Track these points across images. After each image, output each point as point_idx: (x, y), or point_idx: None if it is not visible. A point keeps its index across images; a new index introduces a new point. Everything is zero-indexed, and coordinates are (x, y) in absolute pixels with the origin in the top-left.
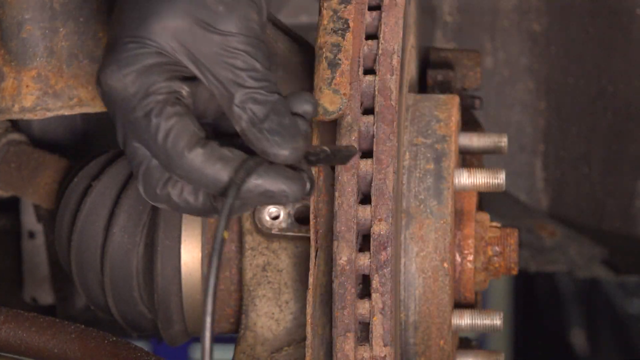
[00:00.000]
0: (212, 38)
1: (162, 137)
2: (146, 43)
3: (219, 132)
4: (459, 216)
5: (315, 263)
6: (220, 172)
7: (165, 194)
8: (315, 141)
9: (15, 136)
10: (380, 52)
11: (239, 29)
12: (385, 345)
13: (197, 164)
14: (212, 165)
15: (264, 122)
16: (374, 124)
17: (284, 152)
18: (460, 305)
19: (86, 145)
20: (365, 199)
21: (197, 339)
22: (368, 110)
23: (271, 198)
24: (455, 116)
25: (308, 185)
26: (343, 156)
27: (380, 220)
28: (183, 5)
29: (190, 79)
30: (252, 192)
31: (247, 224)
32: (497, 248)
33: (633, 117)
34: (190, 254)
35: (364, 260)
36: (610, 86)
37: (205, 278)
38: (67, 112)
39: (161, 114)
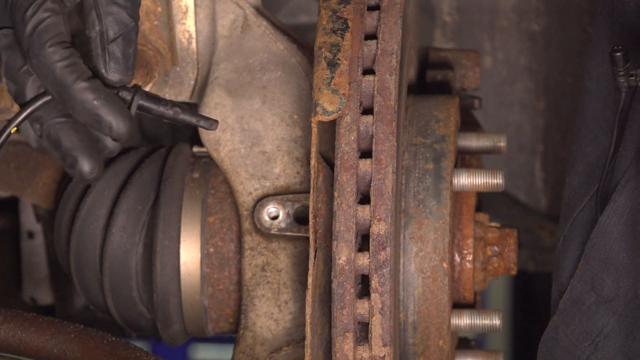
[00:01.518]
0: None
1: (30, 28)
2: None
3: None
4: (458, 216)
5: (314, 263)
6: (70, 76)
7: (21, 80)
8: (314, 141)
9: (14, 136)
10: (379, 52)
11: None
12: (384, 345)
13: (52, 60)
14: (66, 67)
15: (110, 43)
16: (373, 124)
17: (112, 77)
18: (459, 305)
19: None
20: (364, 199)
21: (197, 339)
22: (367, 110)
23: (97, 123)
24: (454, 116)
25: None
26: (192, 116)
27: (379, 220)
28: None
29: None
30: (84, 104)
31: (246, 224)
32: (496, 248)
33: None
34: (190, 254)
35: (363, 260)
36: None
37: None
38: None
39: (39, 8)
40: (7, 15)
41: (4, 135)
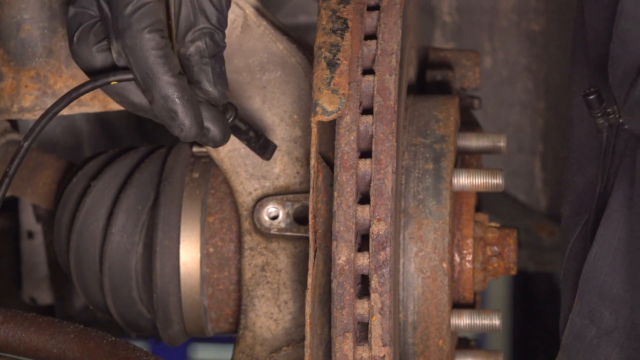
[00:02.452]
0: None
1: (131, 9)
2: None
3: None
4: (457, 216)
5: (314, 263)
6: (161, 67)
7: (97, 56)
8: (314, 141)
9: (14, 136)
10: (379, 52)
11: None
12: (384, 345)
13: (147, 46)
14: (159, 58)
15: (209, 58)
16: (373, 124)
17: (216, 91)
18: (459, 305)
19: (85, 146)
20: (364, 199)
21: (197, 339)
22: (367, 110)
23: (171, 120)
24: (454, 116)
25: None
26: (265, 145)
27: (379, 220)
28: None
29: None
30: (166, 98)
31: (246, 224)
32: (496, 248)
33: None
34: (189, 254)
35: (363, 260)
36: None
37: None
38: (66, 112)
39: None
40: None
41: (78, 92)
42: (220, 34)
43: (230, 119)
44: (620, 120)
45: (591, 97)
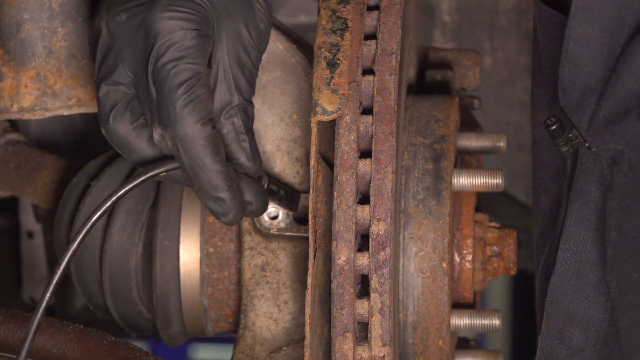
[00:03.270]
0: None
1: (184, 102)
2: None
3: None
4: (457, 216)
5: (314, 263)
6: (210, 158)
7: (135, 132)
8: (314, 141)
9: (14, 136)
10: (379, 52)
11: (261, 48)
12: (384, 345)
13: (198, 137)
14: (209, 148)
15: (246, 134)
16: (372, 124)
17: (254, 165)
18: (459, 305)
19: (85, 145)
20: (364, 199)
21: (197, 339)
22: (367, 110)
23: (218, 206)
24: (454, 116)
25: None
26: (292, 198)
27: (379, 220)
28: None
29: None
30: (215, 187)
31: (246, 224)
32: (495, 248)
33: None
34: (189, 253)
35: (363, 260)
36: None
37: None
38: (65, 112)
39: (198, 82)
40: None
41: (124, 190)
42: (252, 107)
43: (265, 186)
44: (587, 144)
45: (553, 127)
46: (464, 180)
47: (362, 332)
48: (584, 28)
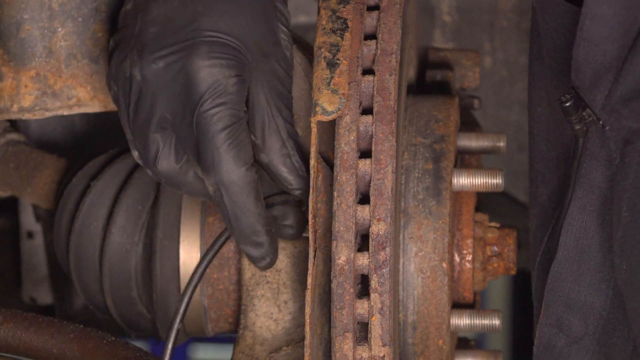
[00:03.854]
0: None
1: (226, 147)
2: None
3: None
4: (457, 216)
5: (314, 263)
6: (252, 203)
7: (183, 171)
8: (314, 141)
9: (14, 136)
10: (379, 52)
11: (291, 75)
12: (384, 345)
13: (242, 182)
14: (252, 194)
15: (294, 157)
16: (372, 124)
17: (302, 182)
18: (459, 305)
19: (85, 145)
20: (364, 199)
21: (197, 339)
22: (367, 110)
23: (254, 250)
24: (454, 116)
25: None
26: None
27: (379, 220)
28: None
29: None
30: (255, 232)
31: None
32: (495, 248)
33: None
34: (189, 254)
35: (363, 260)
36: None
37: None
38: (65, 112)
39: (240, 127)
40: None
41: (197, 278)
42: (295, 131)
43: (303, 209)
44: (600, 122)
45: (567, 103)
46: (463, 180)
47: (362, 332)
48: (600, 6)
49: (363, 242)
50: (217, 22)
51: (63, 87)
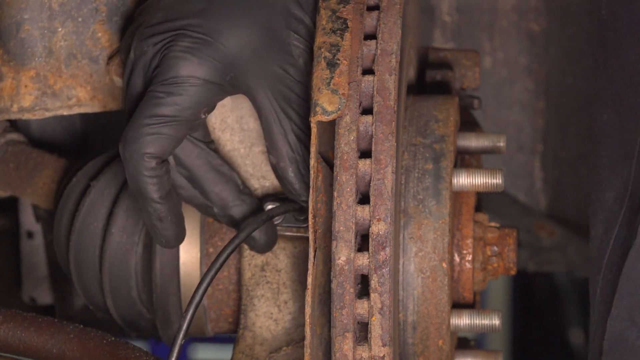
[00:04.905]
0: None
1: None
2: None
3: None
4: (457, 216)
5: (313, 263)
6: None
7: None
8: (314, 141)
9: (13, 136)
10: (379, 52)
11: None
12: (383, 345)
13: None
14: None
15: (301, 163)
16: (372, 124)
17: (305, 197)
18: (459, 305)
19: (85, 145)
20: (364, 199)
21: (197, 339)
22: (367, 110)
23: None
24: (454, 116)
25: None
26: (301, 214)
27: (379, 220)
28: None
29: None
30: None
31: None
32: (495, 248)
33: None
34: (189, 253)
35: (363, 260)
36: None
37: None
38: (65, 112)
39: (171, 121)
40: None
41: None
42: (305, 136)
43: (266, 208)
44: None
45: None
46: (463, 180)
47: (362, 332)
48: None
49: (363, 242)
50: (210, 21)
51: (63, 87)
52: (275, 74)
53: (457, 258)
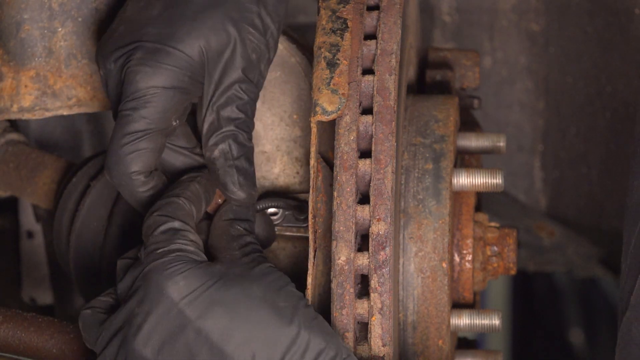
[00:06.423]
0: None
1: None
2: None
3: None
4: (457, 216)
5: (313, 263)
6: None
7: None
8: (314, 141)
9: (13, 136)
10: (379, 52)
11: (253, 78)
12: (383, 345)
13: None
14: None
15: (236, 160)
16: (372, 124)
17: (242, 193)
18: (458, 305)
19: (85, 146)
20: (364, 199)
21: None
22: (367, 110)
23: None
24: (453, 116)
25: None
26: (300, 212)
27: (378, 220)
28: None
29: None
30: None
31: None
32: (495, 248)
33: (631, 117)
34: None
35: (363, 260)
36: (608, 86)
37: None
38: (65, 112)
39: (146, 137)
40: None
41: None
42: (244, 135)
43: (259, 208)
44: None
45: None
46: (463, 180)
47: (362, 332)
48: None
49: (363, 242)
50: (165, 27)
51: (63, 87)
52: (223, 69)
53: (457, 258)
